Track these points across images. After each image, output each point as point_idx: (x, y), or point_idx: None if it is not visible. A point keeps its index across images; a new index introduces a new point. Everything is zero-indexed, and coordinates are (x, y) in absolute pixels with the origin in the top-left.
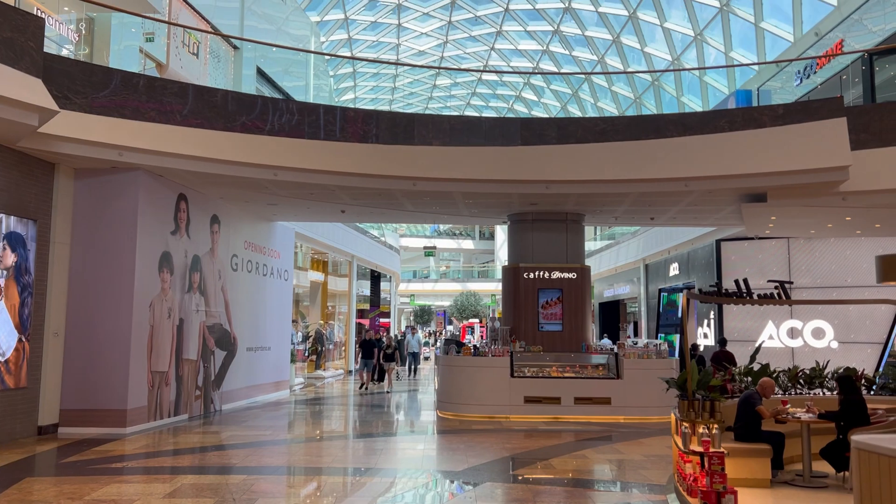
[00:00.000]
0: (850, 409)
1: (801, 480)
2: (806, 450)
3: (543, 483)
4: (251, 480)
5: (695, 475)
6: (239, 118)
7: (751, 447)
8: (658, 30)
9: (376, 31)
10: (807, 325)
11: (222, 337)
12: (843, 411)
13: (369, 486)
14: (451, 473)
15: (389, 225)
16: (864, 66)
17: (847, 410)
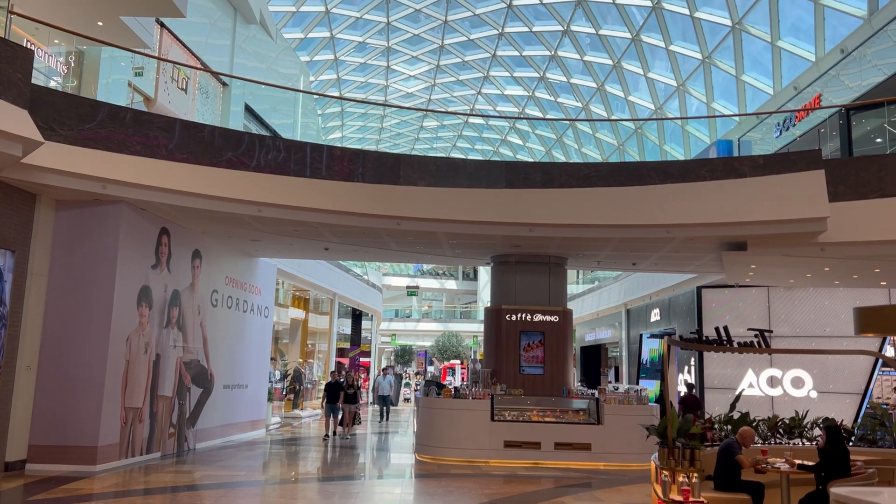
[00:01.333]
0: (831, 459)
1: None
2: (785, 501)
3: None
4: None
5: None
6: (225, 153)
7: (730, 497)
8: (642, 79)
9: (365, 73)
10: (786, 373)
11: (199, 373)
12: (824, 462)
13: None
14: None
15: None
16: (841, 120)
17: (828, 461)
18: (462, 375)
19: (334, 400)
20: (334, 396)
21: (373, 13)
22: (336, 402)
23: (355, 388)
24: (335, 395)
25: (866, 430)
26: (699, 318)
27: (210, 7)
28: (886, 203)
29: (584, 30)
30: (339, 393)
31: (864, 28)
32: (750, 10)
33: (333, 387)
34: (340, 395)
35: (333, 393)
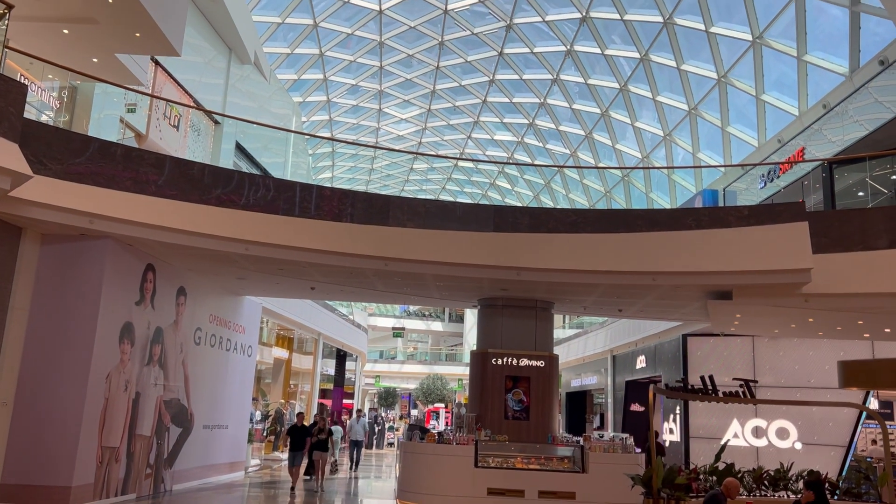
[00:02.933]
0: None
1: None
2: None
3: None
4: None
5: None
6: (214, 191)
7: None
8: (629, 128)
9: (357, 115)
10: (771, 424)
11: (179, 413)
12: None
13: None
14: None
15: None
16: (824, 173)
17: None
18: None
19: (299, 446)
20: (298, 442)
21: (366, 57)
22: (301, 448)
23: (327, 433)
24: (300, 441)
25: (851, 483)
26: (685, 366)
27: (205, 47)
28: (869, 256)
29: (573, 79)
30: (304, 438)
31: (845, 85)
32: (735, 64)
33: (298, 431)
34: (308, 441)
35: (297, 438)
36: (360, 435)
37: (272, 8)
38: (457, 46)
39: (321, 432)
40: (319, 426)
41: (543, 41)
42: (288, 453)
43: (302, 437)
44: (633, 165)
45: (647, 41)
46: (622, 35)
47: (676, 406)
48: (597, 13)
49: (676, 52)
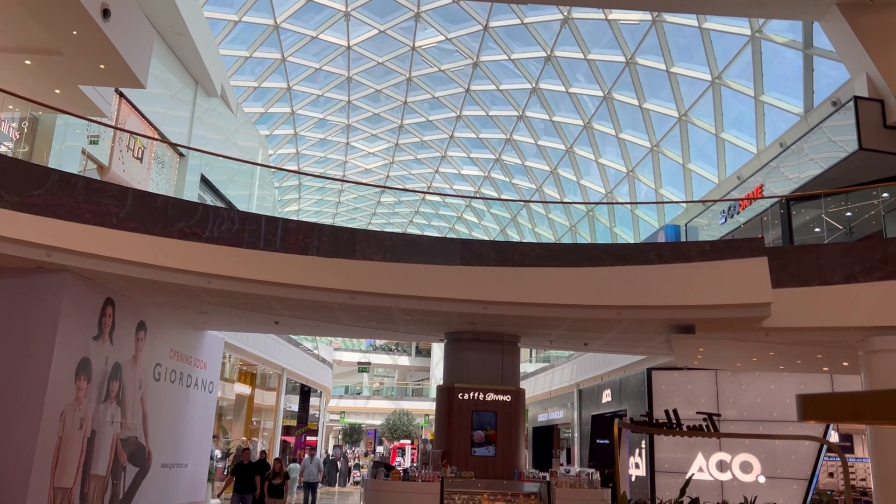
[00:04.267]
0: None
1: None
2: None
3: None
4: None
5: None
6: (178, 223)
7: None
8: (593, 164)
9: (324, 148)
10: (735, 458)
11: (136, 451)
12: None
13: None
14: None
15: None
16: (782, 209)
17: None
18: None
19: (244, 488)
20: (244, 483)
21: (334, 91)
22: (247, 491)
23: (284, 476)
24: (246, 482)
25: None
26: (650, 399)
27: (171, 79)
28: (826, 291)
29: (538, 115)
30: (252, 479)
31: (800, 124)
32: (695, 104)
33: (244, 471)
34: (257, 482)
35: (243, 478)
36: (315, 476)
37: (240, 42)
38: (424, 82)
39: (276, 476)
40: (275, 469)
41: (509, 78)
42: (232, 496)
43: (249, 478)
44: (598, 201)
45: (610, 80)
46: (586, 74)
47: (642, 440)
48: (561, 52)
49: (638, 90)
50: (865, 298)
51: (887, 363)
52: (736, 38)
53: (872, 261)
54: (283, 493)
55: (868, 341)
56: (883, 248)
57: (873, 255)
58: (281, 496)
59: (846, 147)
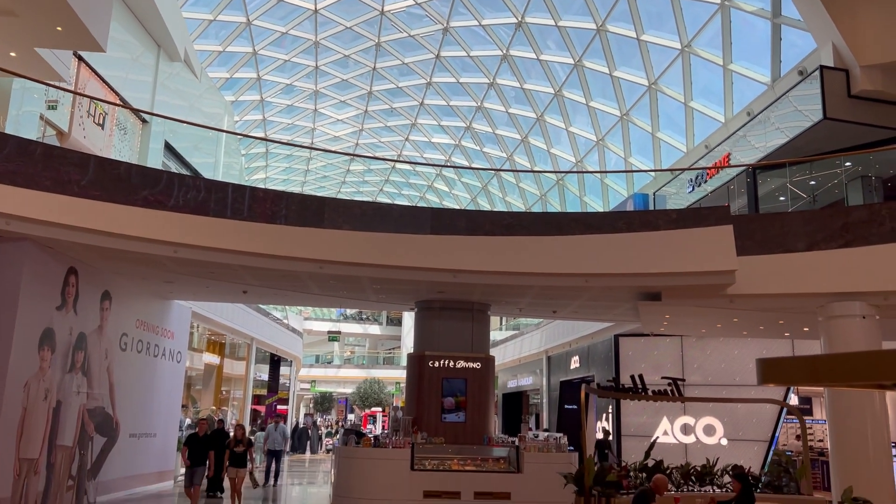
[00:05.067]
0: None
1: None
2: None
3: None
4: None
5: None
6: (141, 192)
7: None
8: (563, 133)
9: (292, 115)
10: (699, 421)
11: (103, 422)
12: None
13: None
14: None
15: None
16: (748, 178)
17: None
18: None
19: (197, 461)
20: (197, 456)
21: (301, 57)
22: (201, 464)
23: (246, 444)
24: (199, 454)
25: (772, 476)
26: (616, 365)
27: (132, 42)
28: (789, 258)
29: (509, 83)
30: (205, 452)
31: (767, 93)
32: (665, 72)
33: (197, 443)
34: (210, 457)
35: (196, 451)
36: (279, 444)
37: (203, 4)
38: (393, 48)
39: (239, 444)
40: (237, 436)
41: (480, 45)
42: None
43: (202, 450)
44: (568, 170)
45: (581, 47)
46: (557, 41)
47: (609, 405)
48: (532, 18)
49: (609, 58)
50: (826, 265)
51: (845, 328)
52: (706, 5)
53: (834, 229)
54: (245, 461)
55: (828, 307)
56: (844, 216)
57: (835, 223)
58: (244, 465)
59: (811, 116)
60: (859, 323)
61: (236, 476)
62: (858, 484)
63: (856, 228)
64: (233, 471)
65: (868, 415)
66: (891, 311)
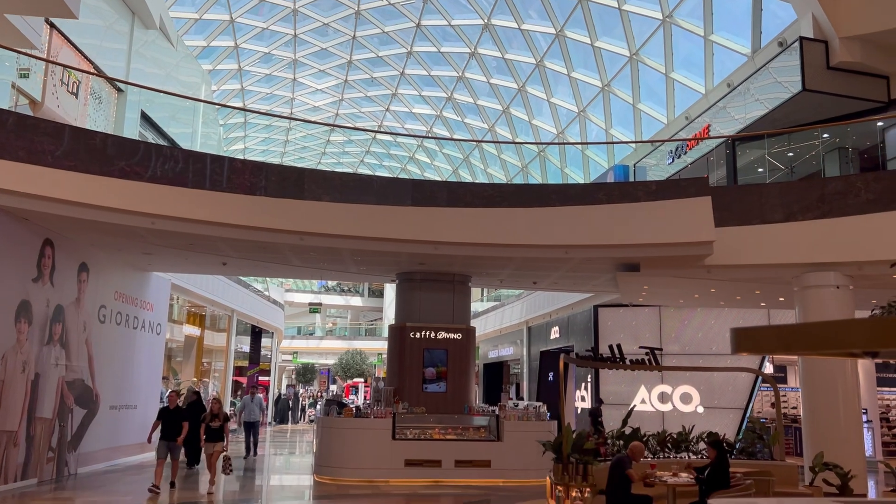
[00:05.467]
0: (713, 472)
1: None
2: None
3: None
4: None
5: None
6: (118, 162)
7: None
8: (545, 104)
9: (270, 84)
10: (676, 390)
11: (83, 394)
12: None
13: None
14: None
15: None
16: (728, 149)
17: (711, 473)
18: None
19: (168, 435)
20: (169, 430)
21: (279, 24)
22: (174, 438)
23: (223, 418)
24: (172, 429)
25: (746, 443)
26: (596, 335)
27: (105, 9)
28: (766, 229)
29: (490, 53)
30: (179, 425)
31: (747, 65)
32: (646, 43)
33: (171, 415)
34: (184, 428)
35: (170, 424)
36: (255, 415)
37: None
38: (373, 16)
39: (214, 418)
40: (213, 411)
41: (461, 14)
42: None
43: (175, 423)
44: (549, 141)
45: (563, 17)
46: (538, 10)
47: (588, 374)
48: None
49: (591, 28)
50: (802, 236)
51: (819, 298)
52: None
53: (810, 200)
54: (222, 436)
55: (803, 277)
56: (821, 187)
57: (811, 194)
58: (220, 439)
59: (791, 88)
60: (833, 293)
61: (213, 451)
62: (829, 449)
63: (832, 200)
64: (209, 446)
65: (840, 383)
66: (864, 280)
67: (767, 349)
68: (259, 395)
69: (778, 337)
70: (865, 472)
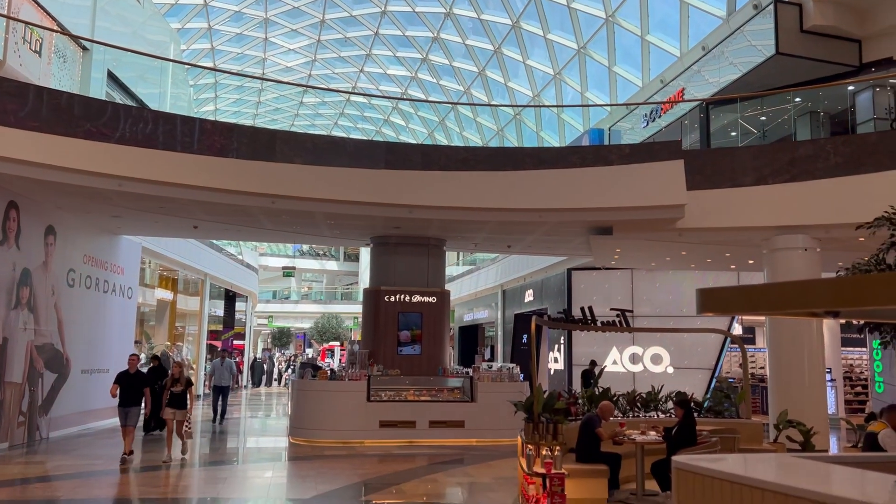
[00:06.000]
0: (680, 430)
1: (635, 499)
2: (639, 470)
3: None
4: None
5: (537, 496)
6: (84, 123)
7: (590, 468)
8: (521, 66)
9: (241, 44)
10: (647, 351)
11: (53, 358)
12: (677, 432)
13: None
14: (299, 502)
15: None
16: (701, 113)
17: (678, 431)
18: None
19: (131, 401)
20: (131, 395)
21: None
22: (135, 404)
23: (185, 383)
24: (133, 394)
25: (714, 402)
26: (569, 298)
27: None
28: (737, 192)
29: (466, 13)
30: (138, 390)
31: (722, 27)
32: (622, 5)
33: (129, 380)
34: (147, 394)
35: (130, 390)
36: (226, 379)
37: None
38: None
39: (176, 383)
40: (174, 375)
41: None
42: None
43: (134, 389)
44: (525, 104)
45: None
46: None
47: (561, 336)
48: None
49: None
50: (772, 199)
51: (788, 260)
52: None
53: (781, 163)
54: (185, 402)
55: (772, 240)
56: (791, 150)
57: (782, 157)
58: (183, 406)
59: (764, 51)
60: (800, 255)
61: (174, 418)
62: (794, 407)
63: (802, 163)
64: (169, 412)
65: (805, 343)
66: (831, 243)
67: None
68: (230, 360)
69: (741, 297)
70: (828, 428)
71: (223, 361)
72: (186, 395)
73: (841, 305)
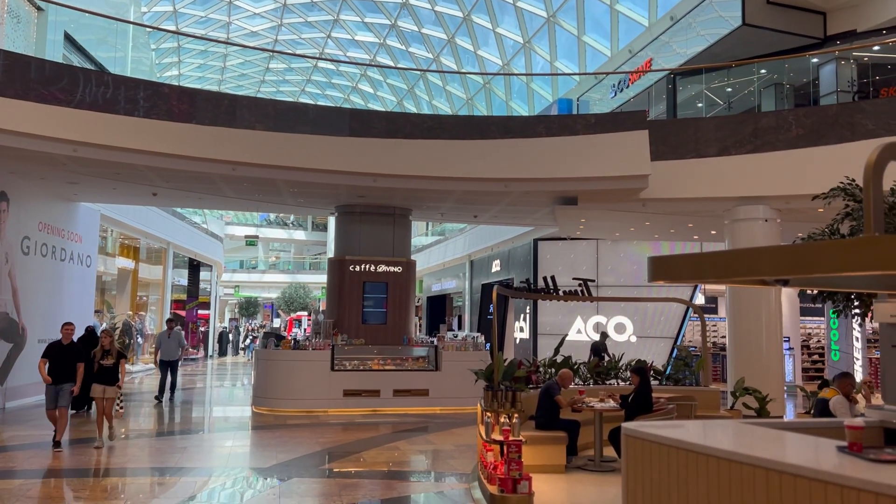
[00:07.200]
0: (636, 397)
1: (593, 465)
2: (598, 437)
3: (352, 476)
4: (30, 484)
5: (495, 463)
6: (38, 87)
7: (548, 435)
8: (491, 34)
9: (205, 7)
10: (611, 320)
11: (8, 327)
12: (633, 399)
13: (164, 488)
14: (259, 470)
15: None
16: (669, 84)
17: (634, 399)
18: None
19: (61, 377)
20: (63, 370)
21: None
22: (65, 380)
23: (117, 355)
24: (65, 369)
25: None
26: (535, 268)
27: None
28: (700, 163)
29: None
30: (72, 364)
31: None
32: None
33: (61, 353)
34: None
35: (63, 364)
36: (174, 353)
37: None
38: None
39: (107, 355)
40: (104, 346)
41: None
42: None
43: (66, 363)
44: (494, 72)
45: None
46: None
47: (527, 306)
48: None
49: None
50: (734, 170)
51: (748, 230)
52: None
53: (744, 134)
54: (116, 376)
55: (733, 211)
56: (754, 122)
57: (745, 128)
58: (114, 381)
59: (731, 22)
60: (761, 226)
61: (103, 395)
62: (752, 375)
63: (764, 134)
64: (98, 388)
65: (763, 312)
66: (791, 214)
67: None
68: (178, 330)
69: (691, 265)
70: (783, 396)
71: (170, 333)
72: (118, 368)
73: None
